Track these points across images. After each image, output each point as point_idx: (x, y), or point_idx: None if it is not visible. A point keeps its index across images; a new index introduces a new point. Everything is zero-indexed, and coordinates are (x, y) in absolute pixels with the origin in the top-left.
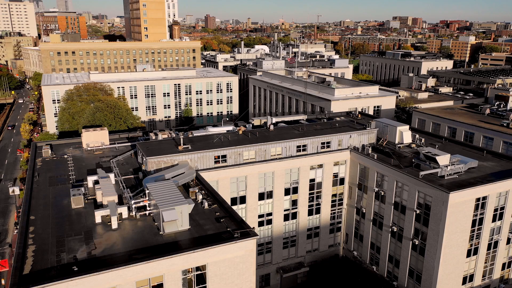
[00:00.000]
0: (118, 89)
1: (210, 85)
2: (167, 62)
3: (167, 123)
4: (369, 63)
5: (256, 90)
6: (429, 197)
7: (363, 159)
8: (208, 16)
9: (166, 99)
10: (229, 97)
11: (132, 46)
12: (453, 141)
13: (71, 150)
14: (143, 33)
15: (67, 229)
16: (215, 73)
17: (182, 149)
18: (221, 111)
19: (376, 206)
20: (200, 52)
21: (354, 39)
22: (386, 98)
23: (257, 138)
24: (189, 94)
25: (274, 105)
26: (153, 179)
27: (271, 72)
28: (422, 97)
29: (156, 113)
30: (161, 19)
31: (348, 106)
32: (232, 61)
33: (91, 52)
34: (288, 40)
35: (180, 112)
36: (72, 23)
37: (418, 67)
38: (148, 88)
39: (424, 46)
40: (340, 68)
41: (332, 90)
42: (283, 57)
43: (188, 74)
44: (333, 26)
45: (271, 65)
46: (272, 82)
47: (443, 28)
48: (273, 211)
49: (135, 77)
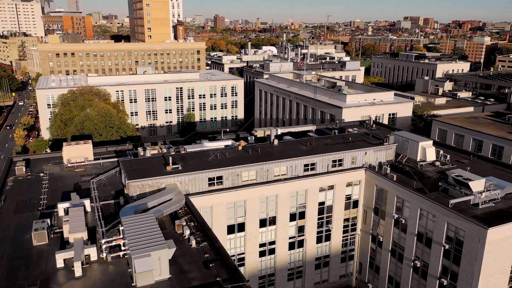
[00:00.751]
0: (117, 93)
1: (214, 88)
2: (170, 64)
3: (168, 128)
4: (381, 65)
5: (262, 95)
6: (461, 231)
7: (380, 180)
8: (217, 16)
9: (167, 104)
10: (234, 101)
11: (134, 47)
12: (482, 157)
13: (49, 166)
14: (147, 33)
15: (20, 276)
16: (219, 76)
17: (171, 170)
18: (226, 116)
19: (395, 235)
20: (205, 54)
21: (365, 39)
22: (402, 105)
23: (258, 156)
24: (192, 98)
25: (281, 111)
26: (132, 209)
27: (278, 76)
28: (440, 103)
29: (156, 118)
30: (165, 19)
31: (360, 114)
32: (239, 63)
33: (91, 54)
34: (297, 40)
35: (182, 117)
36: (78, 23)
37: (433, 69)
38: (149, 92)
39: (437, 47)
40: (351, 71)
41: (344, 96)
42: (292, 59)
43: (191, 77)
44: (343, 26)
45: (279, 67)
46: (279, 86)
47: (455, 29)
48: (276, 239)
49: (135, 80)
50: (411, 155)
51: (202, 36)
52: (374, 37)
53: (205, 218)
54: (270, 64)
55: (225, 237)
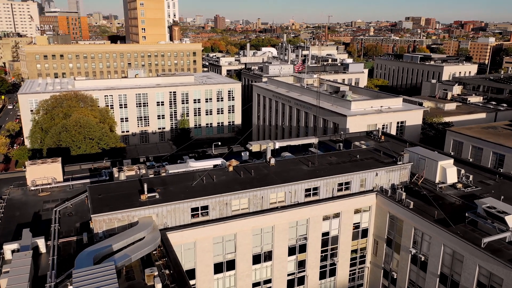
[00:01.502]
0: (106, 98)
1: (210, 93)
2: (165, 66)
3: (161, 135)
4: (384, 67)
5: (261, 99)
6: (497, 277)
7: (394, 206)
8: (218, 16)
9: (160, 109)
10: (231, 106)
11: (126, 48)
12: (509, 177)
13: (10, 189)
14: (141, 34)
15: None
16: (216, 79)
17: (145, 200)
18: (222, 121)
19: (412, 273)
20: (201, 55)
21: (367, 40)
22: (412, 113)
23: (251, 179)
24: (186, 103)
25: (281, 117)
26: (92, 254)
27: (278, 79)
28: (450, 109)
29: (148, 124)
30: (160, 20)
31: (367, 123)
32: (237, 65)
33: (81, 56)
34: (298, 41)
35: (176, 123)
36: (74, 24)
37: (439, 72)
38: (140, 97)
39: (441, 48)
40: (355, 74)
41: (348, 103)
42: (292, 61)
43: (185, 80)
44: (344, 26)
45: (278, 70)
46: (279, 91)
47: (458, 29)
48: (272, 277)
49: (126, 84)
50: (429, 176)
51: (201, 37)
52: (376, 37)
53: (187, 256)
54: (270, 66)
55: (212, 277)
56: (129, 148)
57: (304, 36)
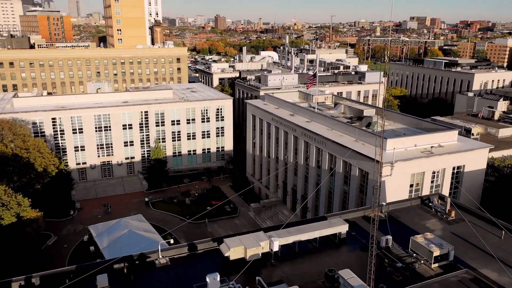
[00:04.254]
0: (53, 121)
1: (193, 112)
2: (142, 76)
3: (129, 167)
4: (401, 73)
5: (257, 122)
6: None
7: None
8: (218, 16)
9: (127, 133)
10: (219, 128)
11: (94, 54)
12: None
13: None
14: (116, 36)
15: None
16: (201, 94)
17: None
18: (209, 147)
19: None
20: (186, 62)
21: (374, 41)
22: (473, 154)
23: None
24: (162, 125)
25: (282, 149)
26: None
27: (278, 97)
28: (505, 135)
29: (112, 153)
30: (139, 19)
31: (411, 171)
32: (231, 72)
33: (36, 63)
34: (301, 43)
35: (148, 151)
36: (55, 24)
37: (469, 80)
38: (101, 118)
39: (455, 50)
40: (372, 84)
41: (383, 142)
42: (296, 68)
43: (161, 96)
44: (347, 27)
45: (280, 80)
46: (280, 114)
47: (465, 29)
48: None
49: (82, 102)
50: None
51: (199, 37)
52: (384, 38)
53: None
54: (269, 76)
55: None
56: (85, 186)
57: (307, 37)
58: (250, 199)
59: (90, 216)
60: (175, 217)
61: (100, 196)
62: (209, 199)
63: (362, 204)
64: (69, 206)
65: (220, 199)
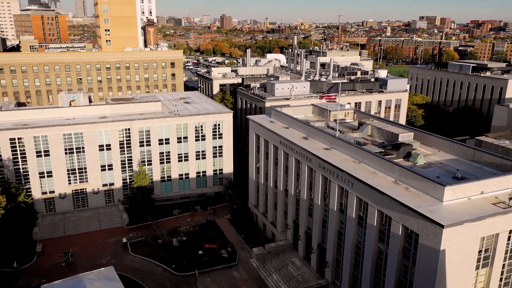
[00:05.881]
0: (13, 142)
1: (185, 129)
2: (131, 83)
3: (107, 195)
4: (421, 77)
5: (261, 143)
6: None
7: None
8: (224, 16)
9: (105, 156)
10: (217, 147)
11: (74, 58)
12: None
13: None
14: (104, 37)
15: None
16: (196, 105)
17: None
18: (204, 170)
19: None
20: (182, 66)
21: (385, 41)
22: None
23: None
24: (147, 144)
25: (293, 181)
26: None
27: (288, 113)
28: None
29: (87, 179)
30: (130, 18)
31: (479, 234)
32: (234, 77)
33: (6, 69)
34: (309, 43)
35: (131, 175)
36: (50, 23)
37: (501, 87)
38: (72, 138)
39: (473, 52)
40: (394, 93)
41: (437, 189)
42: (307, 73)
43: (148, 109)
44: (355, 26)
45: (289, 89)
46: (290, 137)
47: (477, 29)
48: None
49: (50, 117)
50: None
51: (203, 38)
52: (396, 38)
53: None
54: (276, 85)
55: None
56: (52, 221)
57: (315, 37)
58: (252, 238)
59: (51, 264)
60: (158, 266)
61: (69, 233)
62: (202, 240)
63: (407, 273)
64: (29, 248)
65: (216, 241)
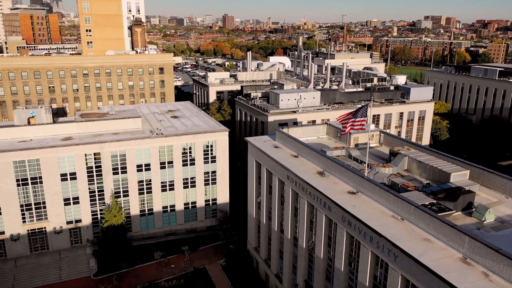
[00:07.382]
0: None
1: (170, 151)
2: (113, 91)
3: (73, 235)
4: (439, 82)
5: (263, 174)
6: None
7: None
8: (226, 16)
9: (69, 187)
10: (210, 172)
11: (44, 64)
12: None
13: None
14: (84, 38)
15: None
16: (186, 120)
17: None
18: (194, 201)
19: None
20: (172, 72)
21: (393, 42)
22: None
23: None
24: (123, 172)
25: (305, 230)
26: None
27: (296, 138)
28: None
29: (46, 216)
30: (115, 17)
31: None
32: (232, 83)
33: None
34: (314, 44)
35: (103, 209)
36: (40, 23)
37: None
38: (25, 165)
39: (486, 53)
40: (418, 103)
41: None
42: (316, 79)
43: (124, 126)
44: (359, 26)
45: (296, 100)
46: (301, 173)
47: (484, 28)
48: None
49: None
50: None
51: (204, 38)
52: (403, 39)
53: None
54: (280, 95)
55: None
56: (1, 270)
57: (319, 37)
58: None
59: None
60: None
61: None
62: None
63: None
64: None
65: None
